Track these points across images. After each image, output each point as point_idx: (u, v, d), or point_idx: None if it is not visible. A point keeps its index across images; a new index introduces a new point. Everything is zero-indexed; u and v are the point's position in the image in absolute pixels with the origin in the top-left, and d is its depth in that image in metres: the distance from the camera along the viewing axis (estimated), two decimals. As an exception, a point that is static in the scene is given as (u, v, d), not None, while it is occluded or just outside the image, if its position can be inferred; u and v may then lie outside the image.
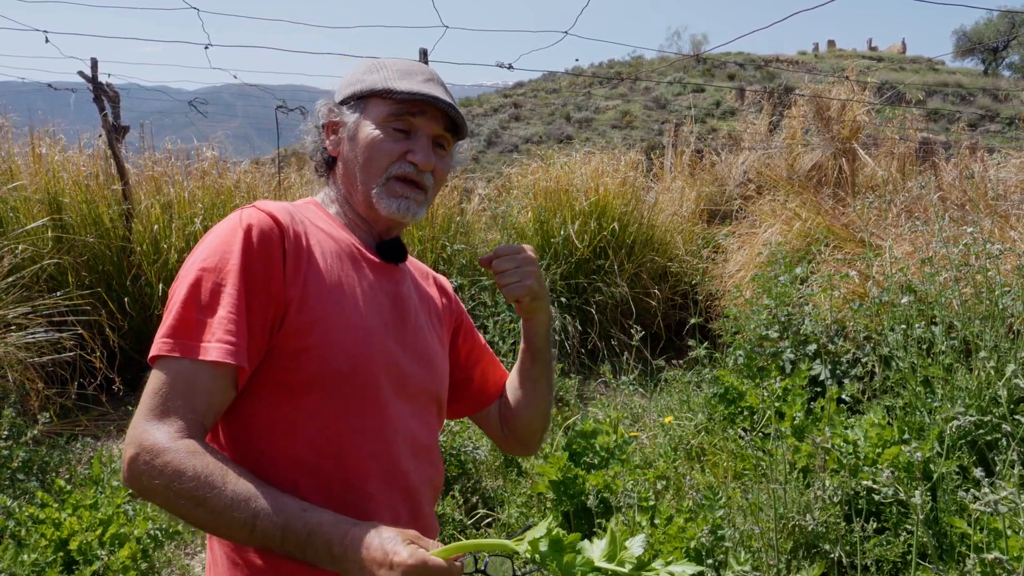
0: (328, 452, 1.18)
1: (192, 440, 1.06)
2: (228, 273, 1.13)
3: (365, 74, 1.32)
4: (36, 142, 5.92)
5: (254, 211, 1.19)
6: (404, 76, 1.30)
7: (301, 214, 1.27)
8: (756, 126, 10.26)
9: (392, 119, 1.28)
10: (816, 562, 2.67)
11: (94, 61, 5.96)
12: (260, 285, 1.14)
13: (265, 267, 1.15)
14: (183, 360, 1.09)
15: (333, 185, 1.37)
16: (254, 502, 1.03)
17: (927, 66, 36.12)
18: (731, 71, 34.35)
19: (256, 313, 1.14)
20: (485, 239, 6.75)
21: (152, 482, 1.03)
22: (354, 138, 1.30)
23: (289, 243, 1.18)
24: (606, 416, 3.91)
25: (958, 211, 5.33)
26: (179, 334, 1.10)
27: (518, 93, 36.80)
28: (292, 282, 1.17)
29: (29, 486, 3.51)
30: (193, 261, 1.16)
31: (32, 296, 4.73)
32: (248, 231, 1.15)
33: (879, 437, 3.06)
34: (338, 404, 1.18)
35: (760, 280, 4.95)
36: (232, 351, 1.10)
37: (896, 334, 3.49)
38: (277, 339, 1.16)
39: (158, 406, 1.08)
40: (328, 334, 1.17)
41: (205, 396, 1.10)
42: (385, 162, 1.28)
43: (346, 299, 1.22)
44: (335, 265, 1.24)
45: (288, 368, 1.17)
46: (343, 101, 1.32)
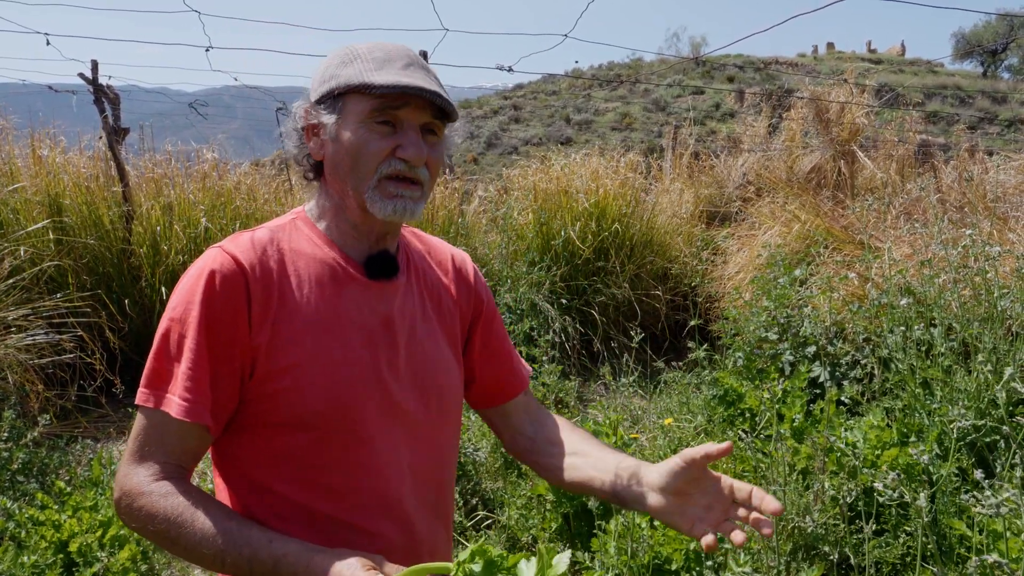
0: (311, 488, 1.18)
1: (166, 482, 1.11)
2: (190, 324, 1.12)
3: (339, 67, 1.21)
4: (36, 144, 5.92)
5: (220, 254, 1.15)
6: (381, 66, 1.18)
7: (280, 240, 1.22)
8: (755, 128, 10.27)
9: (375, 114, 1.17)
10: (815, 564, 2.68)
11: (94, 63, 5.97)
12: (224, 335, 1.13)
13: (229, 316, 1.13)
14: (153, 410, 1.13)
15: (324, 192, 1.28)
16: (219, 538, 1.07)
17: (926, 68, 36.17)
18: (730, 73, 34.39)
19: (222, 362, 1.13)
20: (485, 241, 6.76)
21: (132, 524, 1.12)
22: (337, 140, 1.20)
23: (255, 286, 1.15)
24: (606, 418, 3.91)
25: (957, 213, 5.34)
26: (151, 384, 1.14)
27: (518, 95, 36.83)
28: (259, 328, 1.14)
29: (29, 488, 3.51)
30: (167, 308, 1.16)
31: (32, 298, 4.74)
32: (211, 279, 1.13)
33: (878, 439, 3.07)
34: (319, 442, 1.17)
35: (759, 282, 4.96)
36: (188, 408, 1.11)
37: (895, 336, 3.49)
38: (251, 384, 1.15)
39: (137, 451, 1.13)
40: (302, 378, 1.15)
41: (177, 443, 1.13)
42: (374, 163, 1.19)
43: (325, 334, 1.18)
44: (314, 296, 1.19)
45: (266, 411, 1.16)
46: (319, 100, 1.22)
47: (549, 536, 3.28)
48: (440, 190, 6.64)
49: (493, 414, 1.50)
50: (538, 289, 5.97)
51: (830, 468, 3.03)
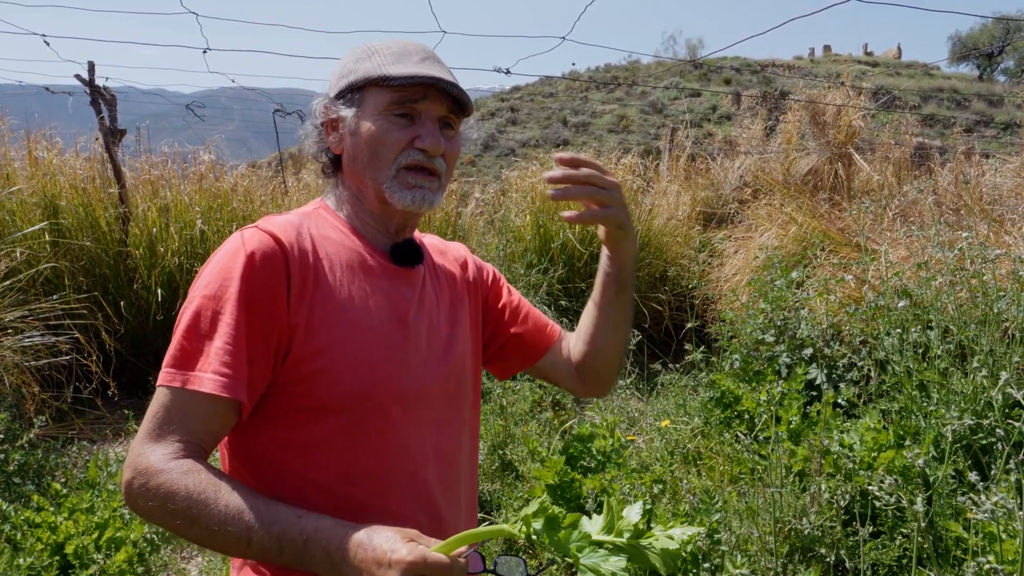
0: (343, 472, 1.18)
1: (187, 460, 1.07)
2: (227, 301, 1.10)
3: (357, 62, 1.24)
4: (33, 145, 5.91)
5: (257, 232, 1.15)
6: (399, 59, 1.22)
7: (309, 226, 1.23)
8: (752, 130, 10.29)
9: (393, 107, 1.20)
10: (812, 566, 2.68)
11: (91, 64, 5.96)
12: (262, 313, 1.11)
13: (268, 294, 1.12)
14: (179, 390, 1.09)
15: (342, 185, 1.31)
16: (248, 515, 1.03)
17: (922, 71, 36.27)
18: (727, 76, 34.45)
19: (258, 341, 1.11)
20: (483, 243, 6.76)
21: (147, 504, 1.05)
22: (356, 133, 1.23)
23: (294, 266, 1.15)
24: (603, 420, 3.92)
25: (953, 216, 5.35)
26: (178, 364, 1.10)
27: (515, 97, 36.86)
28: (297, 308, 1.14)
29: (25, 490, 3.50)
30: (196, 287, 1.14)
31: (28, 300, 4.72)
32: (250, 256, 1.12)
33: (875, 441, 3.08)
34: (352, 426, 1.17)
35: (756, 284, 4.97)
36: (226, 383, 1.08)
37: (892, 338, 3.50)
38: (285, 365, 1.14)
39: (154, 429, 1.09)
40: (337, 359, 1.15)
41: (201, 422, 1.10)
42: (392, 153, 1.21)
43: (357, 317, 1.19)
44: (346, 279, 1.20)
45: (299, 393, 1.15)
46: (338, 95, 1.25)
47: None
48: (437, 192, 6.63)
49: (545, 366, 1.52)
50: (536, 291, 5.97)
51: (827, 470, 3.04)
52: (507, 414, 4.17)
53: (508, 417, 4.16)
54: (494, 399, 4.23)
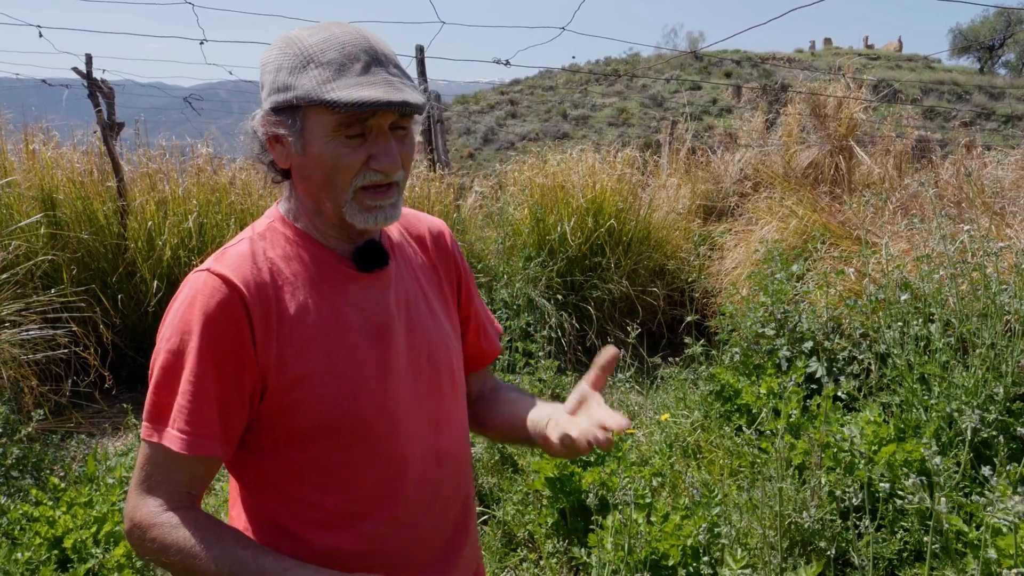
0: (336, 492, 1.18)
1: (175, 512, 1.10)
2: (188, 355, 1.09)
3: (291, 75, 1.10)
4: (30, 138, 5.89)
5: (209, 278, 1.10)
6: (339, 72, 1.08)
7: (264, 249, 1.17)
8: (752, 123, 10.26)
9: (341, 128, 1.10)
10: (813, 560, 2.67)
11: (88, 57, 5.93)
12: (229, 361, 1.09)
13: (231, 342, 1.09)
14: (156, 445, 1.11)
15: (295, 196, 1.22)
16: (236, 567, 1.06)
17: (923, 64, 36.19)
18: (728, 69, 34.37)
19: (229, 390, 1.10)
20: (481, 236, 6.74)
21: (146, 556, 1.11)
22: (304, 153, 1.13)
23: (253, 305, 1.10)
24: (602, 413, 3.90)
25: (955, 209, 5.33)
26: (151, 418, 1.11)
27: (515, 90, 36.77)
28: (264, 348, 1.11)
29: (23, 484, 3.50)
30: (160, 338, 1.13)
31: (26, 293, 4.71)
32: (205, 306, 1.09)
33: (875, 435, 3.07)
34: (341, 444, 1.17)
35: (756, 277, 4.95)
36: (192, 442, 1.09)
37: (893, 331, 3.49)
38: (264, 402, 1.13)
39: (143, 481, 1.12)
40: (316, 385, 1.13)
41: (184, 473, 1.12)
42: (348, 176, 1.13)
43: (330, 338, 1.16)
44: (312, 300, 1.16)
45: (281, 425, 1.15)
46: (276, 109, 1.13)
47: (546, 531, 3.27)
48: (436, 185, 6.63)
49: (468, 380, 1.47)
50: (534, 285, 5.95)
51: (827, 464, 3.03)
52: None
53: (507, 411, 4.14)
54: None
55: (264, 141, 1.17)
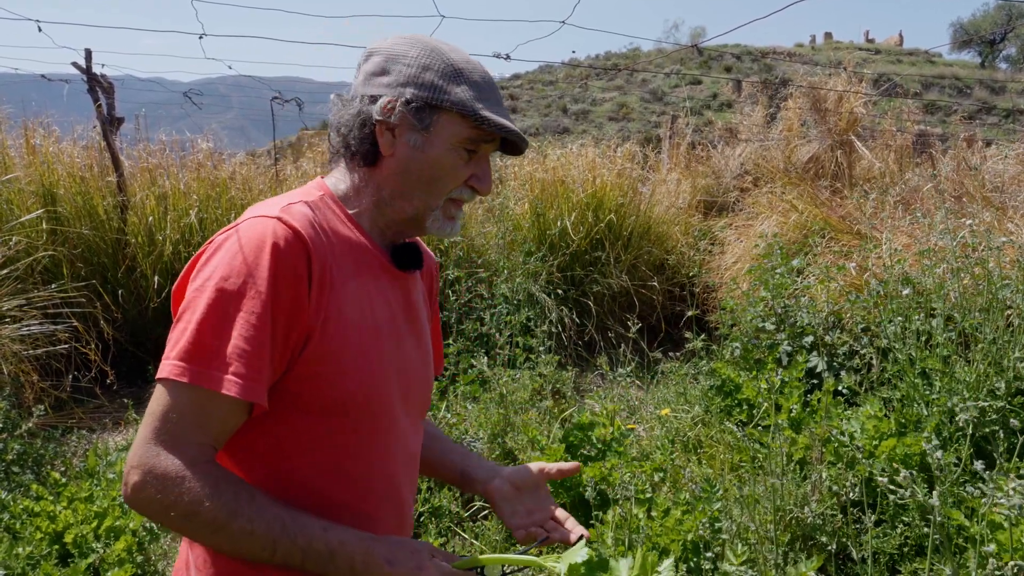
0: (332, 474, 1.17)
1: (208, 465, 1.04)
2: (253, 298, 1.05)
3: (444, 80, 1.16)
4: (30, 133, 5.88)
5: (281, 227, 1.08)
6: (486, 94, 1.19)
7: (320, 220, 1.17)
8: (753, 118, 10.24)
9: (468, 143, 1.18)
10: (814, 554, 2.67)
11: (88, 52, 5.92)
12: (286, 313, 1.07)
13: (292, 294, 1.07)
14: (197, 388, 1.03)
15: (366, 180, 1.23)
16: (275, 525, 1.04)
17: (924, 58, 36.12)
18: (728, 63, 34.31)
19: (279, 342, 1.07)
20: (482, 231, 6.74)
21: (166, 511, 1.02)
22: (421, 150, 1.17)
23: (316, 266, 1.10)
24: (603, 408, 3.91)
25: (955, 203, 5.33)
26: (193, 359, 1.03)
27: (515, 85, 36.73)
28: (317, 309, 1.10)
29: (24, 479, 3.50)
30: (211, 275, 1.06)
31: (27, 288, 4.71)
32: (276, 251, 1.06)
33: (876, 429, 3.06)
34: (346, 430, 1.16)
35: (757, 272, 4.95)
36: (250, 387, 1.04)
37: (894, 326, 3.49)
38: (295, 366, 1.11)
39: (168, 431, 1.03)
40: (345, 363, 1.13)
41: (219, 421, 1.06)
42: (451, 186, 1.20)
43: (363, 322, 1.16)
44: (354, 281, 1.17)
45: (301, 393, 1.12)
46: (412, 102, 1.16)
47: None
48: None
49: None
50: (535, 279, 5.95)
51: (828, 459, 3.03)
52: (507, 402, 4.16)
53: (508, 406, 4.15)
54: (494, 387, 4.22)
55: (376, 123, 1.18)
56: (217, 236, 1.12)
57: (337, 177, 1.25)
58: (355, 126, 1.19)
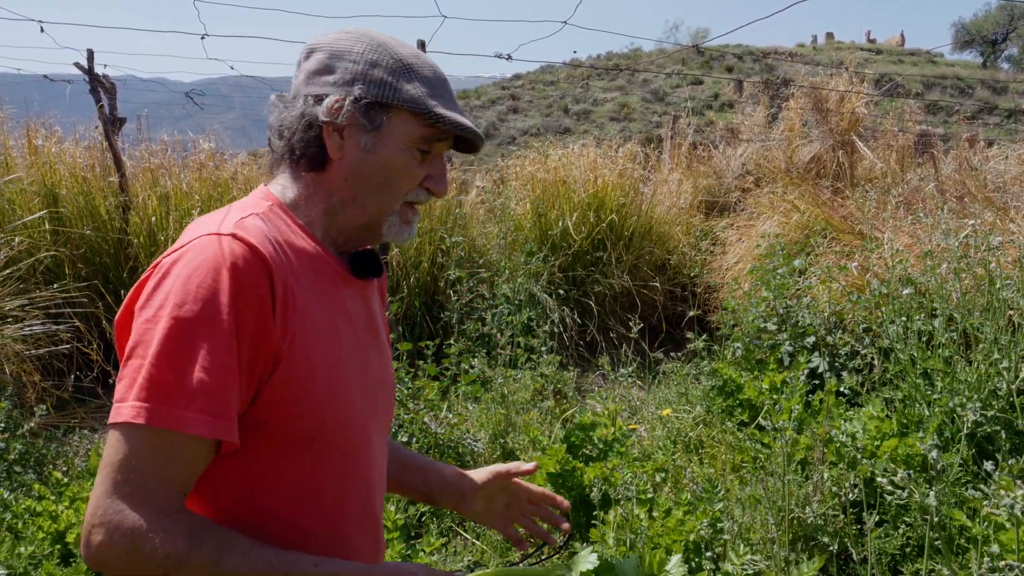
0: (308, 502, 1.10)
1: (178, 515, 0.95)
2: (214, 326, 0.95)
3: (393, 77, 1.09)
4: (32, 134, 5.89)
5: (238, 245, 0.99)
6: (438, 91, 1.12)
7: (276, 233, 1.08)
8: (754, 118, 10.24)
9: (421, 142, 1.12)
10: (815, 555, 2.67)
11: (90, 52, 5.93)
12: (251, 339, 0.98)
13: (256, 317, 0.98)
14: (160, 430, 0.93)
15: (314, 186, 1.14)
16: (261, 567, 0.97)
17: (925, 59, 36.10)
18: (729, 63, 34.30)
19: (245, 371, 0.98)
20: (483, 231, 6.74)
21: (140, 569, 0.93)
22: (373, 151, 1.10)
23: (278, 285, 1.01)
24: (604, 408, 3.91)
25: (957, 203, 5.32)
26: (153, 398, 0.93)
27: (516, 85, 36.73)
28: (283, 331, 1.01)
29: (26, 479, 3.50)
30: (164, 304, 0.96)
31: (29, 288, 4.71)
32: (235, 272, 0.97)
33: (878, 430, 3.06)
34: (321, 455, 1.09)
35: (758, 272, 4.95)
36: (219, 424, 0.95)
37: (895, 326, 3.48)
38: (261, 394, 1.02)
39: (131, 481, 0.93)
40: (313, 385, 1.05)
41: (185, 468, 0.96)
42: (406, 188, 1.13)
43: (328, 340, 1.09)
44: (317, 297, 1.09)
45: (268, 420, 1.03)
46: (360, 101, 1.09)
47: (547, 527, 3.27)
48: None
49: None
50: (536, 280, 5.95)
51: (829, 459, 3.03)
52: (508, 403, 4.17)
53: (509, 406, 4.15)
54: (495, 388, 4.22)
55: (322, 125, 1.10)
56: (163, 258, 1.02)
57: (283, 184, 1.16)
58: (299, 128, 1.11)
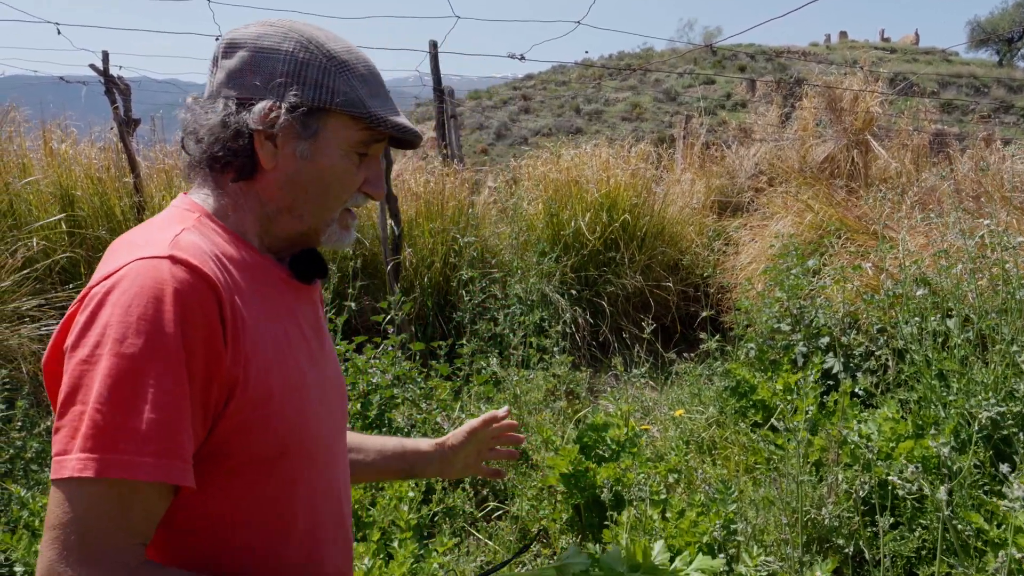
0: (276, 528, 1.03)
1: (140, 570, 0.87)
2: (161, 360, 0.86)
3: (328, 76, 1.01)
4: (48, 136, 5.95)
5: (177, 268, 0.90)
6: (375, 89, 1.06)
7: (213, 247, 0.99)
8: (767, 118, 10.20)
9: (360, 146, 1.05)
10: (830, 556, 2.66)
11: (105, 54, 5.98)
12: (203, 369, 0.89)
13: (206, 345, 0.89)
14: (111, 481, 0.83)
15: (246, 195, 1.06)
16: None
17: (940, 57, 35.82)
18: (742, 63, 34.17)
19: (199, 405, 0.90)
20: (495, 231, 6.74)
21: None
22: (310, 160, 1.03)
23: (226, 305, 0.92)
24: (617, 409, 3.90)
25: (973, 203, 5.28)
26: (100, 447, 0.83)
27: (527, 85, 36.74)
28: (235, 355, 0.93)
29: (43, 477, 3.53)
30: (101, 340, 0.86)
31: (45, 289, 4.76)
32: (178, 298, 0.88)
33: (893, 431, 3.04)
34: (286, 477, 1.03)
35: (772, 272, 4.92)
36: (174, 467, 0.86)
37: (911, 327, 3.46)
38: (219, 422, 0.94)
39: (84, 543, 0.83)
40: (271, 405, 0.98)
41: (142, 518, 0.87)
42: (345, 196, 1.07)
43: (281, 356, 1.01)
44: (264, 309, 1.01)
45: (228, 451, 0.96)
46: (297, 108, 1.01)
47: (560, 527, 3.27)
48: (450, 180, 6.63)
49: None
50: (548, 280, 5.95)
51: (844, 460, 3.01)
52: (521, 403, 4.17)
53: (522, 406, 4.15)
54: (508, 388, 4.22)
55: (251, 134, 1.01)
56: (92, 288, 0.91)
57: (206, 192, 1.08)
58: (225, 137, 1.02)
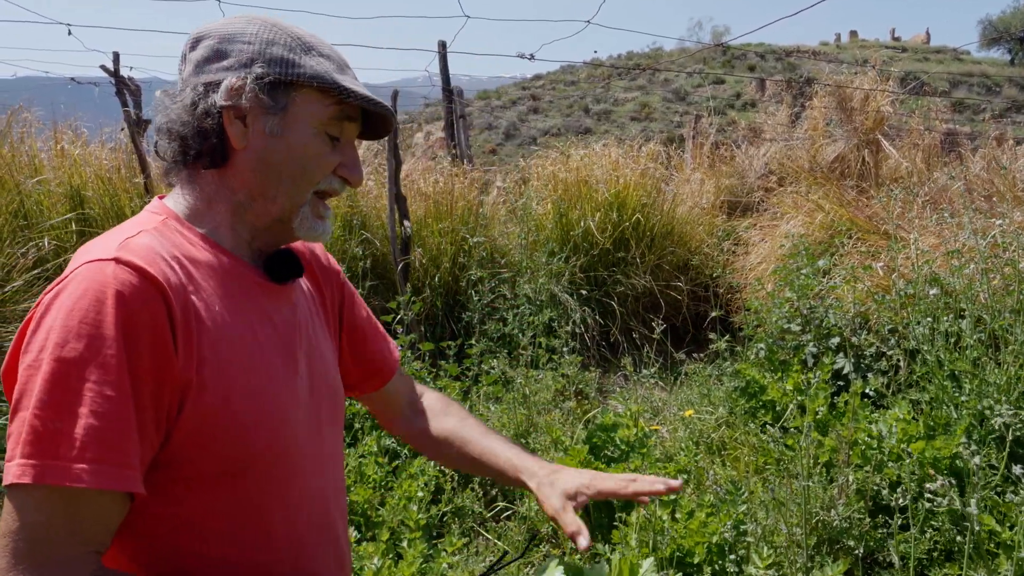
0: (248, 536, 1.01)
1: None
2: (102, 363, 0.84)
3: (293, 54, 1.00)
4: (59, 137, 5.98)
5: (121, 270, 0.88)
6: (341, 67, 1.04)
7: (171, 248, 0.97)
8: (777, 117, 10.16)
9: (331, 123, 1.03)
10: (840, 558, 2.64)
11: (116, 55, 6.01)
12: (149, 372, 0.87)
13: (152, 347, 0.88)
14: (51, 488, 0.82)
15: (218, 186, 1.04)
16: None
17: (952, 56, 35.63)
18: (751, 62, 34.08)
19: (148, 409, 0.88)
20: (504, 231, 6.74)
21: None
22: (281, 136, 1.01)
23: (175, 306, 0.90)
24: (626, 409, 3.89)
25: (985, 203, 5.24)
26: (39, 453, 0.82)
27: (536, 85, 36.75)
28: (187, 357, 0.91)
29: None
30: (44, 346, 0.85)
31: (56, 288, 4.79)
32: (120, 300, 0.86)
33: (904, 432, 3.02)
34: (255, 484, 1.00)
35: (782, 272, 4.90)
36: (116, 473, 0.84)
37: (922, 327, 3.44)
38: (174, 431, 0.92)
39: (32, 551, 0.82)
40: (233, 410, 0.95)
41: (91, 525, 0.86)
42: (319, 176, 1.04)
43: (249, 359, 0.99)
44: (226, 312, 0.98)
45: (189, 458, 0.93)
46: (262, 80, 0.99)
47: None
48: (459, 180, 6.63)
49: (371, 398, 1.42)
50: (557, 280, 5.94)
51: (855, 461, 2.99)
52: (529, 403, 4.16)
53: (531, 406, 4.15)
54: (517, 388, 4.22)
55: (221, 111, 1.00)
56: (44, 295, 0.90)
57: (179, 193, 1.06)
58: (193, 121, 1.00)
